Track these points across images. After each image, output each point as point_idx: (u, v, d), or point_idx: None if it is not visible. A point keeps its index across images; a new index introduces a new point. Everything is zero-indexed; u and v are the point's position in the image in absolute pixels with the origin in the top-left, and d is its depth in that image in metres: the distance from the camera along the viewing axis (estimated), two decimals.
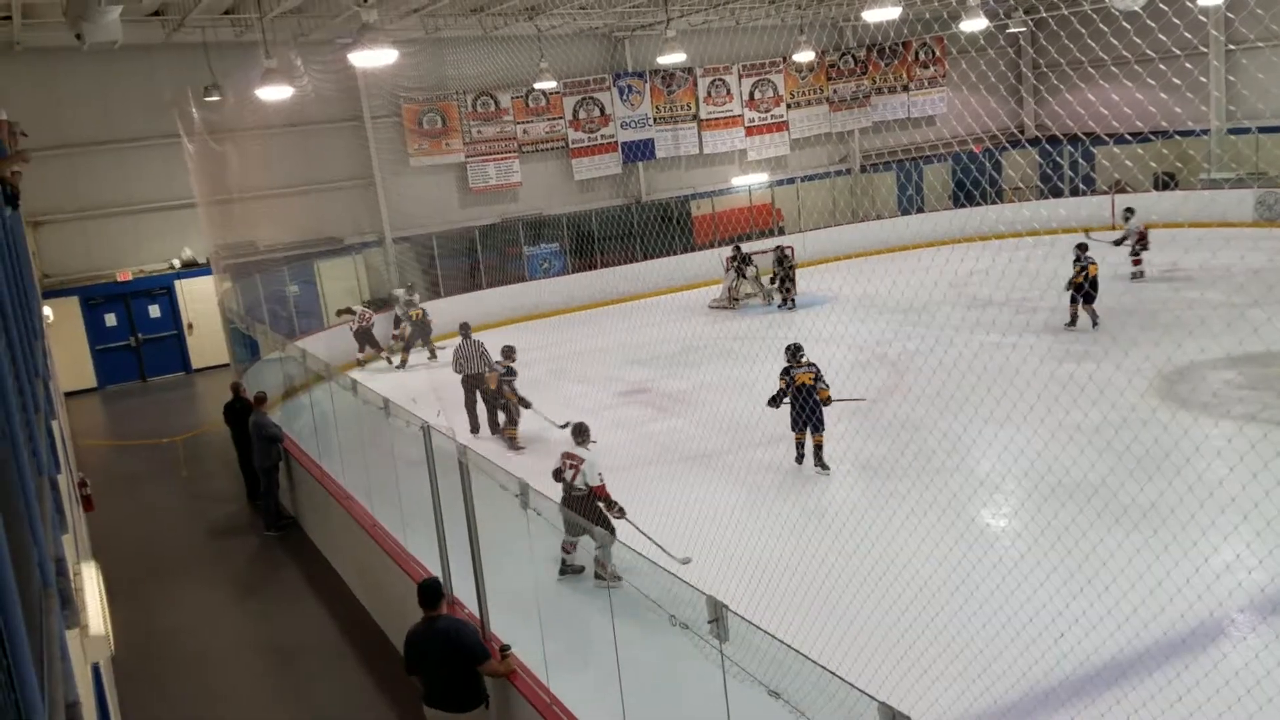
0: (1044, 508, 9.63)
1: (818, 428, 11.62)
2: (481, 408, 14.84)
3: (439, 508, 7.36)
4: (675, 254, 24.55)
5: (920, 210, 28.72)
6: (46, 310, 16.95)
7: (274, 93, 16.26)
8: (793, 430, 11.85)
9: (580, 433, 9.58)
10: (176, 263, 22.49)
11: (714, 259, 23.77)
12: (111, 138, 21.42)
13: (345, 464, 10.77)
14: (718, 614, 4.27)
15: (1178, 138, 24.86)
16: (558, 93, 25.88)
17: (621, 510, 9.05)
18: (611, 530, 8.30)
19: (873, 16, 15.12)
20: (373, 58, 13.06)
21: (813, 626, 6.21)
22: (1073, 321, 16.60)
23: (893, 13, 14.84)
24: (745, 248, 23.17)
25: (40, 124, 18.95)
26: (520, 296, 23.33)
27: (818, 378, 11.72)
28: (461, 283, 23.75)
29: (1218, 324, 12.33)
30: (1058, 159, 28.62)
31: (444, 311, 20.80)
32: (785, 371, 11.93)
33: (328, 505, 10.78)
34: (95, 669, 5.03)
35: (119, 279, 22.00)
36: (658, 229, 25.89)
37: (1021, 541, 8.95)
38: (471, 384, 14.82)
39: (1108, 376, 10.87)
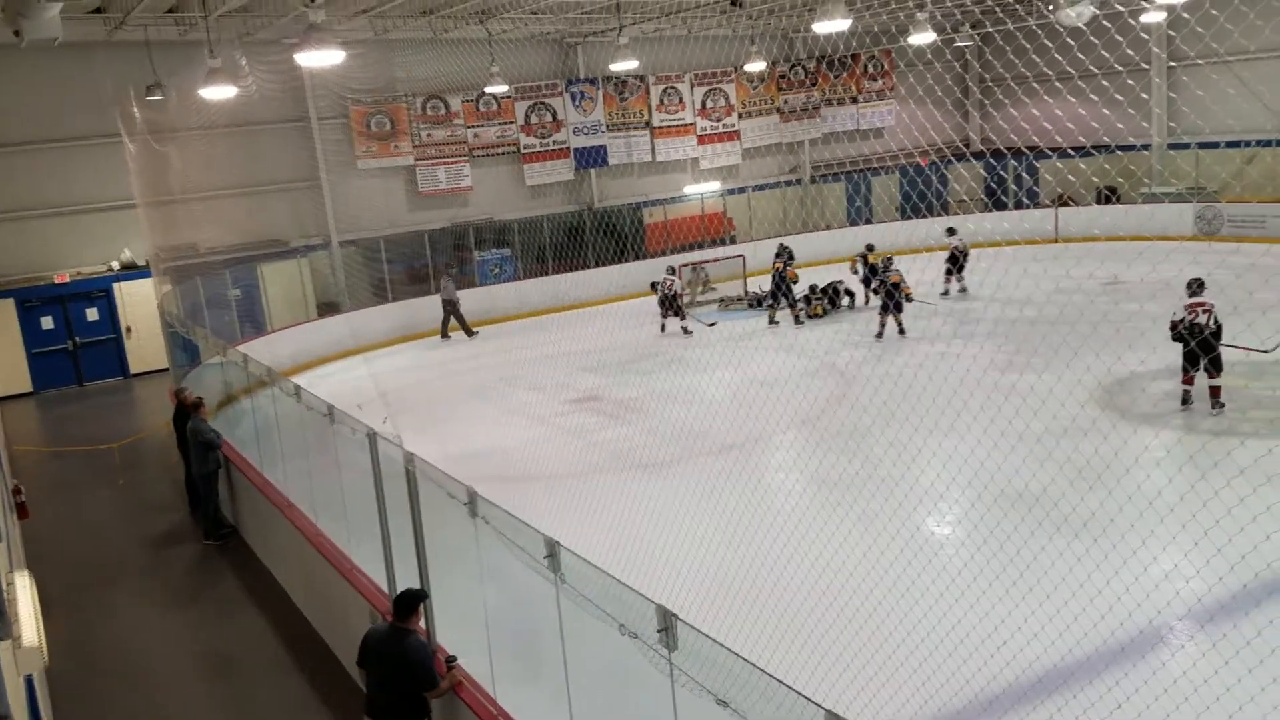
0: (986, 517, 9.74)
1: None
2: None
3: (385, 516, 7.26)
4: (627, 261, 24.58)
5: (869, 221, 29.02)
6: None
7: (218, 92, 15.98)
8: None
9: (1199, 284, 11.70)
10: (116, 265, 22.04)
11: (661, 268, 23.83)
12: (50, 137, 20.95)
13: (288, 472, 10.59)
14: (667, 623, 4.25)
15: (1120, 153, 25.44)
16: (509, 97, 25.79)
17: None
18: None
19: (822, 28, 15.22)
20: (319, 58, 12.86)
21: (761, 635, 6.22)
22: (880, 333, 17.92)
23: (842, 25, 14.95)
24: (694, 257, 23.30)
25: None
26: (471, 301, 23.18)
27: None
28: (411, 288, 23.55)
29: (1158, 336, 12.59)
30: (1002, 173, 29.14)
31: (392, 316, 20.59)
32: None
33: (269, 514, 10.59)
34: (29, 681, 4.91)
35: (56, 281, 21.51)
36: (609, 237, 25.86)
37: (965, 550, 9.04)
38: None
39: (1049, 387, 11.04)
